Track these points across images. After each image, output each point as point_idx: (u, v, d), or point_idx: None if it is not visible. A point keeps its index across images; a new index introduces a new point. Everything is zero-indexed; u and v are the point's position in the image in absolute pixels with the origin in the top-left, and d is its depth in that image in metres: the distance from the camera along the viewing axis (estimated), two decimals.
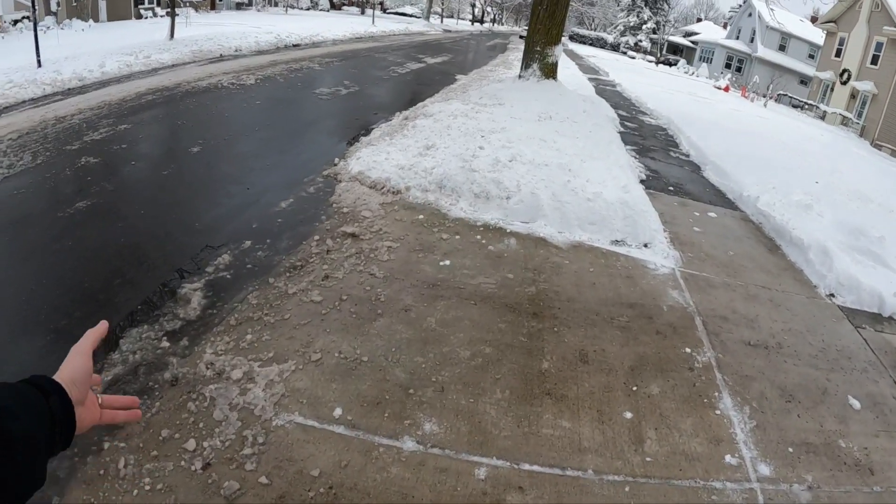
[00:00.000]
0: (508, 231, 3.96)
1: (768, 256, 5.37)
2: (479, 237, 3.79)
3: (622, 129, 9.30)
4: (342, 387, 2.26)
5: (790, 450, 2.80)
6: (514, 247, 3.77)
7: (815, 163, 11.08)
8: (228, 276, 2.93)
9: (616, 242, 4.25)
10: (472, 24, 42.26)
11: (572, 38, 43.87)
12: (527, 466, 2.11)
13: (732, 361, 3.42)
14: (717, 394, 3.10)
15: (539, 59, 8.64)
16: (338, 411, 2.14)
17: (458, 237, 3.71)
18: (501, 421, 2.28)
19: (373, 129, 6.08)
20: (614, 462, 2.24)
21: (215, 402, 2.06)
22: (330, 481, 1.84)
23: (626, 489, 2.12)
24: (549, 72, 8.75)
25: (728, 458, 2.67)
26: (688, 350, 3.41)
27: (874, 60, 22.43)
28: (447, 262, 3.34)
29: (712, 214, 6.50)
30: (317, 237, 3.46)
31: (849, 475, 2.72)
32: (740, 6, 37.65)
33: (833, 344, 3.87)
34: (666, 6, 46.95)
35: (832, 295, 4.68)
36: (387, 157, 4.71)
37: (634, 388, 2.71)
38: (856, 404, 3.24)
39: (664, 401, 2.70)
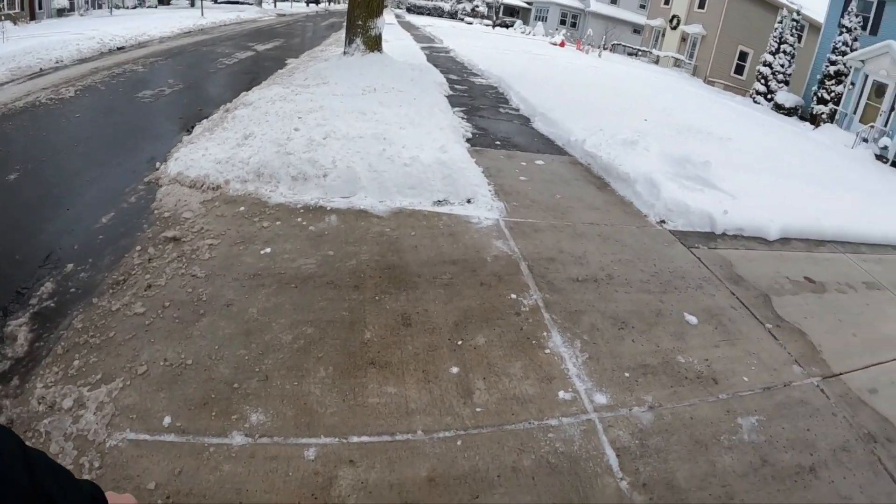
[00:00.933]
0: (329, 209, 5.51)
1: (597, 194, 7.34)
2: (299, 220, 5.25)
3: (451, 93, 13.09)
4: (169, 395, 3.15)
5: (626, 375, 4.09)
6: (334, 223, 5.28)
7: (646, 103, 15.30)
8: (53, 305, 3.91)
9: (438, 203, 6.21)
10: (308, 5, 56.87)
11: (410, 9, 63.97)
12: (356, 439, 3.03)
13: (560, 300, 4.74)
14: (545, 333, 4.30)
15: (362, 33, 12.52)
16: (167, 420, 2.98)
17: (278, 223, 5.15)
18: (327, 398, 3.26)
19: (195, 126, 8.10)
20: (444, 418, 3.22)
21: (51, 436, 2.81)
22: (167, 491, 2.60)
23: (459, 443, 3.08)
24: (374, 45, 12.68)
25: (562, 394, 3.80)
26: (514, 296, 4.66)
27: (701, 4, 35.76)
28: (268, 250, 4.66)
29: (540, 162, 8.62)
30: (138, 248, 4.67)
31: (692, 388, 4.14)
32: None
33: (666, 267, 5.65)
34: None
35: (663, 221, 6.74)
36: (205, 153, 6.35)
37: (460, 343, 3.89)
38: (692, 320, 4.87)
39: (491, 349, 3.83)
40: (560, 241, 5.46)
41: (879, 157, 21.61)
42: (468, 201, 6.01)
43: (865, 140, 22.62)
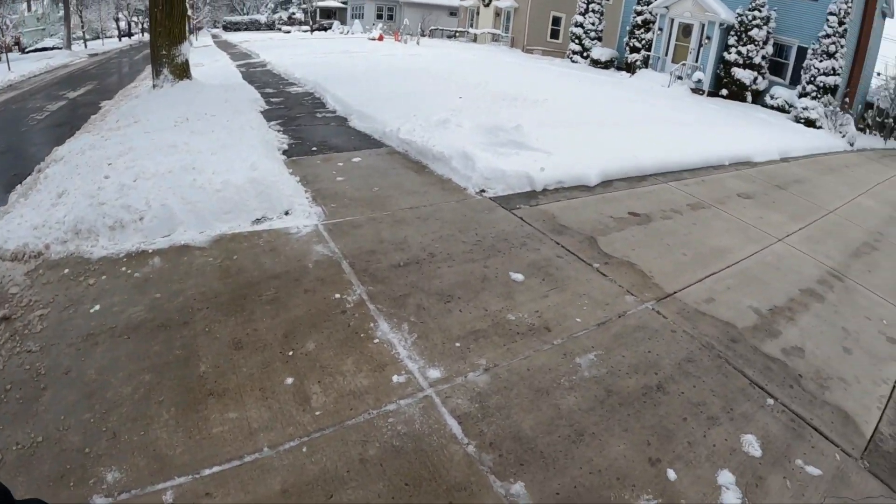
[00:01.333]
0: (151, 251, 5.70)
1: (415, 179, 7.78)
2: (123, 269, 5.39)
3: (267, 107, 13.82)
4: (28, 477, 3.25)
5: (457, 345, 4.48)
6: (158, 265, 5.46)
7: (462, 81, 16.27)
8: None
9: (257, 221, 6.55)
10: (120, 39, 60.30)
11: (226, 27, 68.62)
12: (207, 471, 3.27)
13: (384, 289, 5.04)
14: (372, 325, 4.58)
15: (168, 63, 13.20)
16: None
17: (104, 277, 5.27)
18: (174, 439, 3.47)
19: (10, 194, 7.96)
20: (286, 430, 3.56)
21: None
22: None
23: (304, 450, 3.43)
24: (182, 72, 13.42)
25: (395, 378, 4.08)
26: (338, 296, 4.99)
27: None
28: (97, 307, 4.79)
29: (357, 159, 9.05)
30: None
31: (525, 342, 4.58)
32: None
33: (488, 234, 6.11)
34: None
35: (483, 191, 7.26)
36: (21, 220, 6.39)
37: (291, 353, 4.25)
38: (519, 277, 5.32)
39: (322, 352, 4.27)
40: (380, 231, 5.84)
41: (695, 90, 24.87)
42: (286, 213, 6.60)
43: (680, 77, 25.33)
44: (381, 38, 43.19)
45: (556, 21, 40.36)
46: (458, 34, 49.05)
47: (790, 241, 7.93)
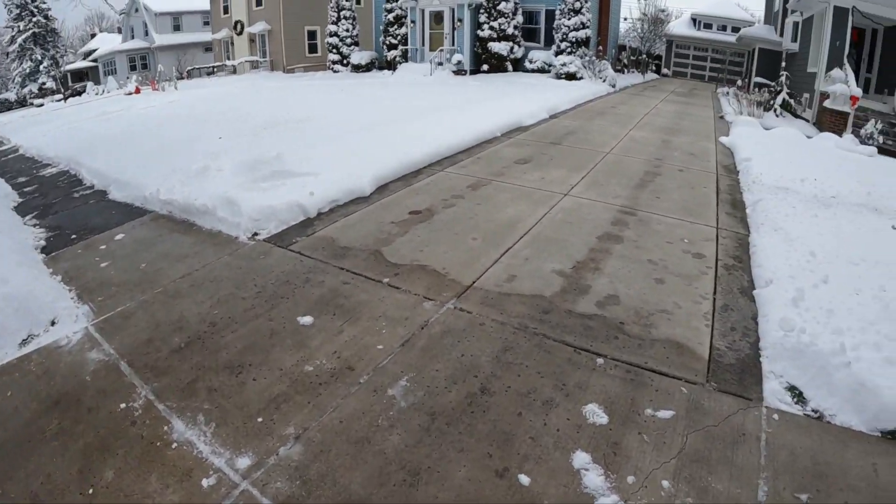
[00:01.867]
0: None
1: (184, 240, 7.06)
2: None
3: (20, 199, 11.99)
4: None
5: (260, 420, 3.90)
6: None
7: (221, 118, 15.38)
8: None
9: (24, 343, 5.36)
10: None
11: None
12: None
13: (170, 381, 4.37)
14: (166, 427, 3.91)
15: None
16: None
17: None
18: None
19: None
20: None
21: None
22: None
23: None
24: None
25: (205, 481, 3.46)
26: (123, 405, 4.24)
27: (259, 2, 41.06)
28: None
29: (120, 236, 8.12)
30: None
31: (330, 391, 4.10)
32: (126, 6, 58.76)
33: (267, 282, 5.51)
34: (55, 37, 63.09)
35: (255, 234, 6.65)
36: None
37: (91, 491, 3.51)
38: (307, 321, 4.80)
39: (123, 479, 3.62)
40: (154, 315, 5.22)
41: (458, 72, 25.97)
42: (52, 324, 5.61)
43: (441, 64, 25.98)
44: (137, 91, 40.84)
45: (312, 35, 40.29)
46: (216, 69, 47.73)
47: (576, 192, 8.00)
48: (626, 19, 43.76)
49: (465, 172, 8.42)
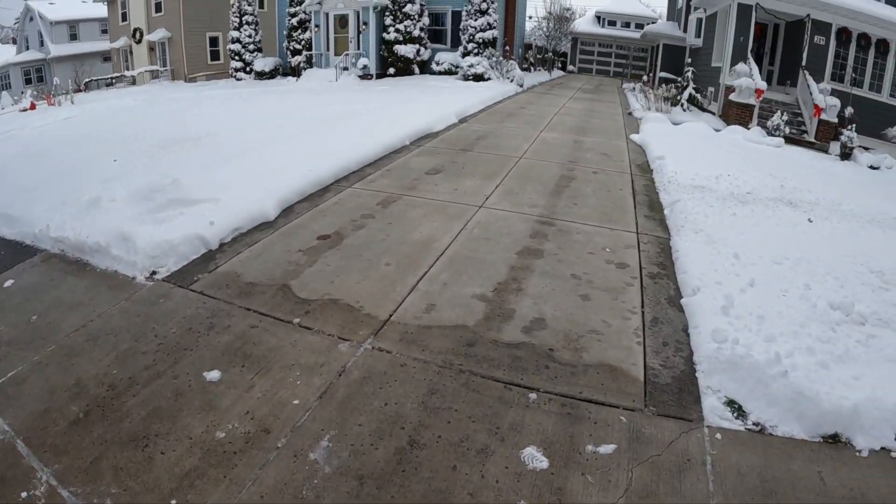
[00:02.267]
0: None
1: (78, 284, 6.32)
2: None
3: None
4: None
5: (173, 503, 3.32)
6: None
7: (119, 136, 14.17)
8: None
9: None
10: None
11: None
12: None
13: (71, 461, 3.71)
14: None
15: None
16: None
17: None
18: None
19: None
20: None
21: None
22: None
23: None
24: None
25: None
26: (25, 494, 3.56)
27: (158, 8, 38.89)
28: None
29: (9, 283, 7.03)
30: None
31: (247, 460, 3.63)
32: (20, 14, 56.04)
33: (169, 330, 4.98)
34: None
35: (154, 273, 6.04)
36: None
37: None
38: (214, 376, 4.32)
39: None
40: (49, 379, 4.58)
41: (364, 77, 25.35)
42: None
43: (346, 68, 25.41)
44: (33, 107, 38.79)
45: (214, 42, 38.87)
46: (115, 80, 45.26)
47: (491, 203, 7.76)
48: (531, 18, 44.30)
49: (374, 188, 8.05)
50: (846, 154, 15.23)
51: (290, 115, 14.12)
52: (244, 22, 33.17)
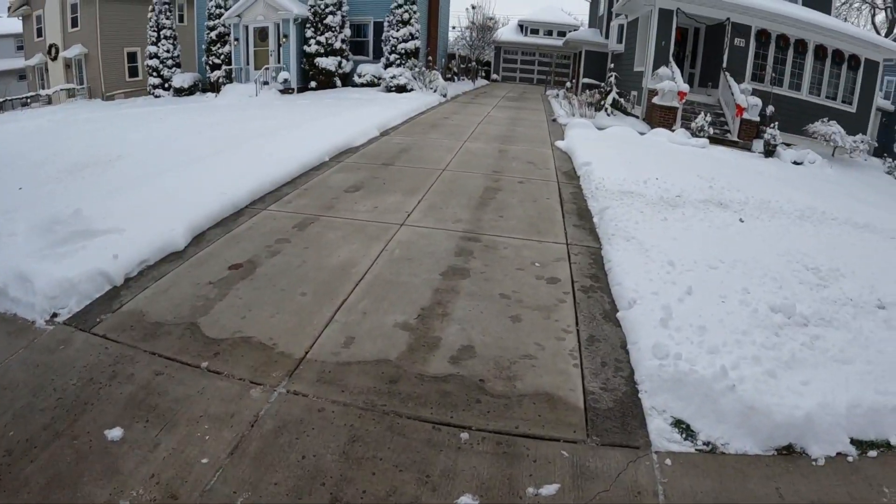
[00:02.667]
0: None
1: None
2: None
3: None
4: None
5: None
6: None
7: (25, 161, 13.18)
8: None
9: None
10: None
11: None
12: None
13: None
14: None
15: None
16: None
17: None
18: None
19: None
20: None
21: None
22: None
23: None
24: None
25: None
26: None
27: (74, 23, 36.85)
28: None
29: None
30: None
31: None
32: None
33: (69, 382, 4.43)
34: None
35: (55, 315, 5.43)
36: None
37: None
38: (117, 434, 3.79)
39: None
40: None
41: (285, 91, 25.02)
42: None
43: (266, 83, 24.90)
44: None
45: (133, 57, 37.35)
46: (30, 100, 42.83)
47: (414, 220, 7.41)
48: (454, 28, 44.34)
49: (291, 209, 7.60)
50: (770, 151, 15.53)
51: (206, 134, 13.47)
52: (162, 36, 32.00)
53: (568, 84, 30.40)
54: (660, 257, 6.16)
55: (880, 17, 39.99)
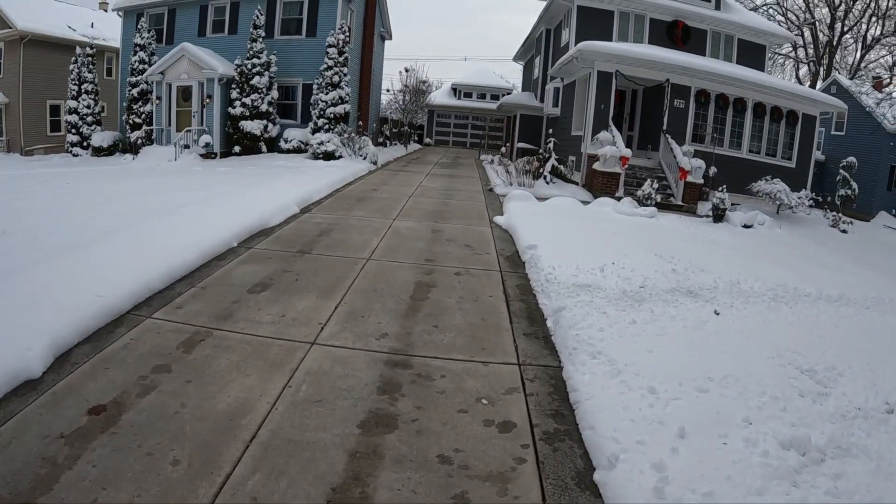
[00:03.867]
0: None
1: None
2: None
3: None
4: None
5: None
6: None
7: None
8: None
9: None
10: None
11: None
12: None
13: None
14: None
15: None
16: None
17: None
18: None
19: None
20: None
21: None
22: None
23: None
24: None
25: None
26: None
27: None
28: None
29: None
30: None
31: None
32: None
33: None
34: None
35: None
36: None
37: None
38: None
39: None
40: None
41: (206, 156, 23.52)
42: None
43: (188, 146, 23.41)
44: None
45: (56, 110, 34.91)
46: None
47: (328, 336, 5.92)
48: (388, 91, 43.57)
49: (180, 318, 6.08)
50: (719, 216, 14.73)
51: (105, 207, 11.69)
52: (83, 91, 29.78)
53: (503, 149, 29.67)
54: (637, 382, 4.90)
55: (803, 70, 41.70)
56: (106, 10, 31.17)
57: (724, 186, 15.24)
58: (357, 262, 8.42)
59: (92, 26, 37.06)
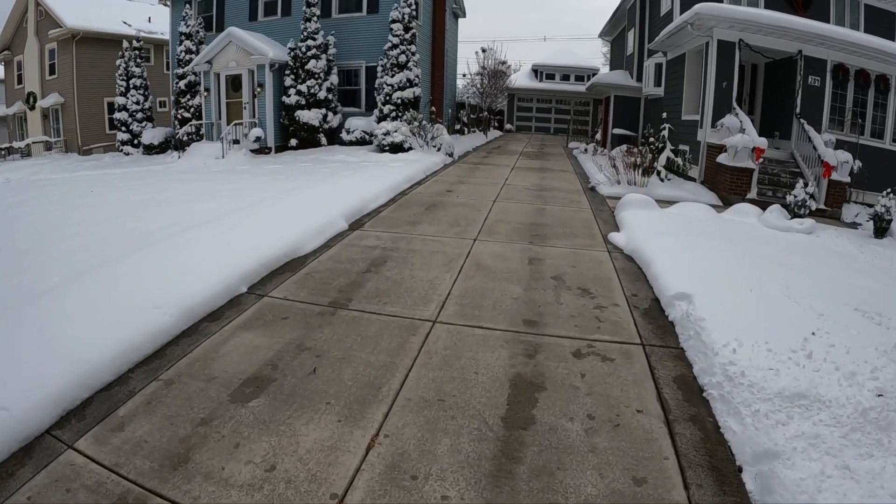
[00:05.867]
0: None
1: None
2: None
3: None
4: None
5: None
6: None
7: None
8: None
9: None
10: None
11: None
12: None
13: None
14: None
15: None
16: None
17: None
18: None
19: None
20: None
21: None
22: None
23: None
24: None
25: None
26: None
27: (52, 70, 34.78)
28: None
29: None
30: None
31: None
32: None
33: None
34: None
35: None
36: None
37: None
38: None
39: None
40: None
41: (259, 151, 21.46)
42: None
43: (237, 141, 21.25)
44: None
45: (113, 108, 34.83)
46: (6, 152, 39.53)
47: (369, 464, 3.22)
48: (464, 75, 40.67)
49: (108, 457, 3.59)
50: (882, 229, 11.23)
51: (103, 228, 9.38)
52: (132, 86, 28.75)
53: (597, 136, 26.45)
54: None
55: None
56: (167, 5, 29.59)
57: (890, 190, 11.72)
58: (416, 327, 5.56)
59: (149, 21, 36.63)
